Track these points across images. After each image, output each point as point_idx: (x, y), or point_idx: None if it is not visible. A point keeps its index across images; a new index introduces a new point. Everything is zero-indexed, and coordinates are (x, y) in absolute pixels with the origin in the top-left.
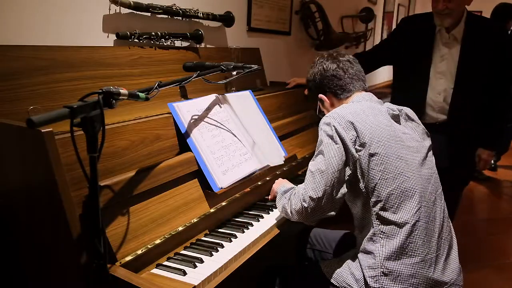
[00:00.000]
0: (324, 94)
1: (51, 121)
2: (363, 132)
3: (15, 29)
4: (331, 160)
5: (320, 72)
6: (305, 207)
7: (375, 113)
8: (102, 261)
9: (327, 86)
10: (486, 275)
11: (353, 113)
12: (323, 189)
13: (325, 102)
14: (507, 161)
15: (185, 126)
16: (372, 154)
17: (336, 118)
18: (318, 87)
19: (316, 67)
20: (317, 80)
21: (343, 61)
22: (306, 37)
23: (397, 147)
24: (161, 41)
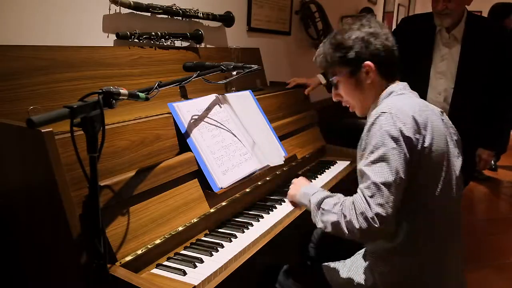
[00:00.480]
0: (372, 62)
1: (51, 121)
2: (428, 136)
3: (15, 29)
4: (399, 170)
5: (366, 37)
6: (373, 227)
7: (435, 113)
8: (102, 261)
9: (375, 55)
10: (486, 275)
11: (415, 110)
12: (393, 204)
13: (363, 78)
14: (507, 161)
15: (185, 126)
16: (427, 166)
17: (399, 117)
18: (364, 54)
19: (360, 28)
20: (364, 43)
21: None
22: (306, 37)
23: (448, 165)
24: (161, 41)
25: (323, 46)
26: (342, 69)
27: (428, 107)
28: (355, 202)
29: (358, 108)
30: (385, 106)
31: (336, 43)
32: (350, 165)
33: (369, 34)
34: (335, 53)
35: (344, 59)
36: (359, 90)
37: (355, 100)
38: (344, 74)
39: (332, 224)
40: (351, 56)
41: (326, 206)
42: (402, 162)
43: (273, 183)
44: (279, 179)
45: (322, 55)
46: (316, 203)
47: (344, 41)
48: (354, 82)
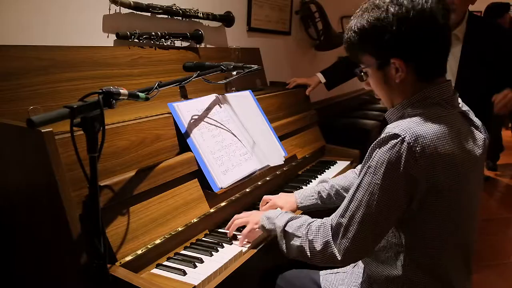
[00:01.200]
0: (402, 60)
1: (51, 121)
2: (440, 177)
3: (15, 29)
4: (383, 208)
5: (403, 17)
6: (335, 259)
7: (468, 148)
8: (102, 261)
9: (410, 49)
10: (485, 275)
11: (437, 144)
12: (364, 241)
13: (392, 75)
14: (507, 160)
15: (185, 126)
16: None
17: (412, 148)
18: (393, 47)
19: (387, 5)
20: (392, 32)
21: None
22: (306, 37)
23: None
24: (161, 41)
25: (352, 24)
26: (369, 58)
27: (459, 130)
28: (323, 227)
29: (386, 103)
30: (401, 126)
31: (360, 27)
32: (350, 165)
33: (402, 18)
34: (360, 40)
35: (370, 48)
36: (387, 86)
37: (383, 95)
38: (370, 65)
39: (297, 249)
40: (377, 46)
41: (291, 228)
42: (393, 199)
43: (273, 183)
44: (279, 179)
45: (348, 38)
46: (282, 226)
47: (370, 24)
48: (381, 76)
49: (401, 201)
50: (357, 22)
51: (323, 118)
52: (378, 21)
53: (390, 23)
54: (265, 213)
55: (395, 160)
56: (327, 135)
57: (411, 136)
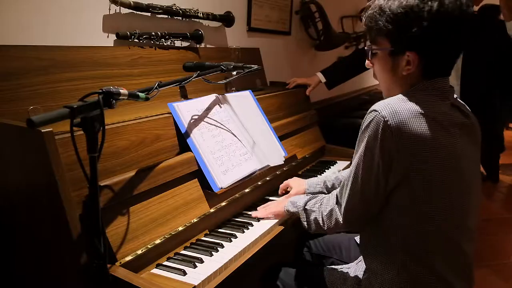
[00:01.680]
0: (418, 55)
1: (51, 121)
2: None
3: (15, 29)
4: (366, 178)
5: (435, 16)
6: (339, 224)
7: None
8: (102, 261)
9: (426, 47)
10: (485, 275)
11: (411, 119)
12: (356, 209)
13: (401, 66)
14: (507, 160)
15: (185, 126)
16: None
17: (389, 122)
18: (414, 41)
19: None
20: (421, 27)
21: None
22: (306, 37)
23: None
24: (161, 41)
25: (380, 2)
26: (385, 42)
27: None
28: (331, 198)
29: (383, 89)
30: (381, 103)
31: (389, 12)
32: (350, 165)
33: (434, 14)
34: (384, 22)
35: (390, 34)
36: (392, 75)
37: (383, 82)
38: (384, 48)
39: (314, 222)
40: (398, 35)
41: (309, 206)
42: (372, 167)
43: (273, 183)
44: (279, 179)
45: (370, 14)
46: (302, 206)
47: (397, 13)
48: (391, 63)
49: (380, 170)
50: (391, 3)
51: (323, 118)
52: (413, 11)
53: (422, 17)
54: (290, 199)
55: (373, 133)
56: (327, 135)
57: (388, 111)
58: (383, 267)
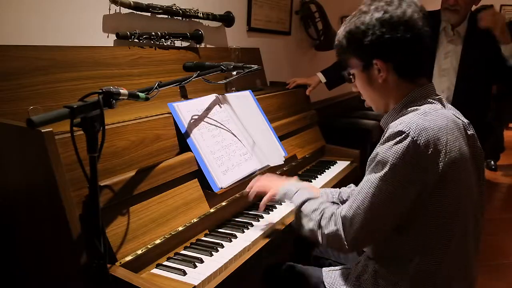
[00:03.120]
0: (382, 61)
1: (51, 121)
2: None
3: (15, 29)
4: (391, 201)
5: (385, 21)
6: (344, 248)
7: (461, 135)
8: (102, 261)
9: (390, 49)
10: (485, 276)
11: (440, 134)
12: (371, 233)
13: (375, 76)
14: (507, 160)
15: (185, 126)
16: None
17: (418, 142)
18: (375, 48)
19: (374, 12)
20: (375, 34)
21: (417, 17)
22: (306, 37)
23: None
24: (161, 41)
25: (340, 30)
26: (355, 61)
27: (456, 123)
28: (334, 216)
29: (372, 105)
30: (405, 122)
31: (348, 31)
32: (350, 165)
33: (382, 23)
34: (347, 42)
35: (355, 51)
36: (371, 87)
37: (368, 97)
38: (356, 67)
39: (309, 231)
40: (361, 49)
41: (306, 210)
42: (398, 192)
43: None
44: None
45: (337, 41)
46: (299, 204)
47: (354, 29)
48: (366, 78)
49: (406, 195)
50: (346, 27)
51: (323, 118)
52: (363, 24)
53: (373, 26)
54: (284, 187)
55: (400, 155)
56: (327, 135)
57: (415, 130)
58: (391, 271)
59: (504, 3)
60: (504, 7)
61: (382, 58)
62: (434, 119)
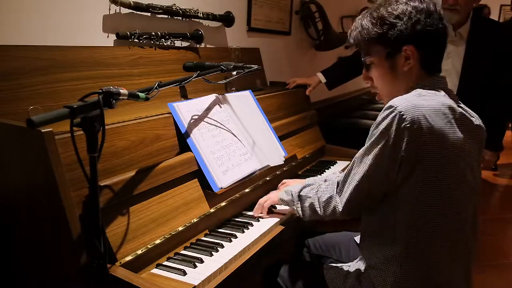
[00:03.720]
0: (415, 47)
1: (51, 121)
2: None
3: (15, 29)
4: (378, 168)
5: (422, 9)
6: (337, 211)
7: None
8: (102, 261)
9: (424, 37)
10: (485, 275)
11: (430, 114)
12: (358, 197)
13: (400, 64)
14: (506, 160)
15: (185, 126)
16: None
17: (405, 117)
18: (409, 34)
19: (403, 3)
20: (411, 20)
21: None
22: (306, 37)
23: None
24: (161, 41)
25: (362, 19)
26: (379, 48)
27: (453, 109)
28: (330, 184)
29: (386, 97)
30: (397, 99)
31: (378, 17)
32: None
33: (419, 11)
34: (374, 29)
35: (383, 37)
36: (392, 76)
37: (385, 87)
38: (379, 54)
39: (309, 208)
40: (392, 35)
41: (304, 192)
42: (382, 161)
43: (273, 183)
44: (279, 179)
45: (359, 29)
46: (297, 192)
47: (387, 16)
48: (389, 66)
49: (390, 165)
50: (374, 14)
51: (323, 118)
52: (397, 10)
53: (410, 12)
54: (285, 188)
55: (386, 127)
56: (327, 135)
57: (403, 106)
58: (384, 261)
59: (504, 3)
60: (504, 7)
61: (415, 45)
62: (427, 100)
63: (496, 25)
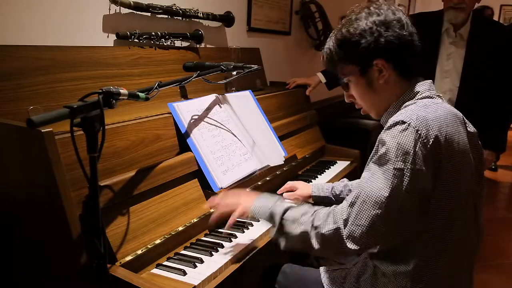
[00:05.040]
0: (384, 59)
1: (51, 121)
2: (449, 158)
3: (15, 29)
4: (398, 194)
5: (380, 22)
6: (344, 246)
7: (462, 126)
8: (102, 261)
9: (389, 48)
10: (485, 275)
11: (441, 125)
12: (375, 229)
13: (376, 77)
14: (507, 161)
15: (185, 126)
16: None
17: (419, 131)
18: (375, 48)
19: (367, 17)
20: (373, 34)
21: (404, 20)
22: (306, 37)
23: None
24: (161, 41)
25: (329, 41)
26: (351, 67)
27: (456, 116)
28: (332, 214)
29: (372, 112)
30: (405, 114)
31: (341, 38)
32: (350, 165)
33: (378, 24)
34: (341, 50)
35: (351, 56)
36: (371, 90)
37: (368, 102)
38: (353, 73)
39: (299, 237)
40: (359, 53)
41: (291, 216)
42: (407, 185)
43: (273, 183)
44: (279, 179)
45: (327, 52)
46: (280, 214)
47: (349, 36)
48: (365, 81)
49: (412, 186)
50: (338, 35)
51: (323, 118)
52: (358, 29)
53: (370, 28)
54: (257, 200)
55: (403, 145)
56: (327, 135)
57: (416, 120)
58: (395, 273)
59: (504, 3)
60: (504, 7)
61: (384, 57)
62: (434, 111)
63: (496, 25)
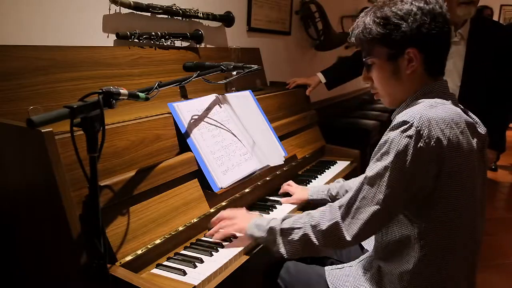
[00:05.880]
0: (418, 50)
1: (51, 121)
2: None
3: (15, 29)
4: (394, 192)
5: (428, 11)
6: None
7: (470, 128)
8: (102, 261)
9: (428, 39)
10: (485, 275)
11: (445, 125)
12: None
13: (403, 66)
14: (507, 161)
15: (185, 126)
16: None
17: (422, 133)
18: (414, 36)
19: (408, 3)
20: (416, 22)
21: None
22: (306, 37)
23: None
24: (161, 41)
25: (365, 17)
26: (381, 49)
27: (463, 118)
28: (328, 210)
29: (387, 99)
30: (409, 113)
31: (382, 17)
32: (350, 165)
33: (424, 13)
34: (377, 29)
35: (386, 38)
36: (394, 78)
37: (386, 89)
38: (381, 55)
39: (300, 241)
40: (395, 36)
41: (287, 224)
42: (406, 184)
43: (273, 183)
44: (279, 179)
45: (361, 27)
46: (278, 228)
47: (391, 16)
48: (391, 68)
49: (411, 185)
50: (378, 13)
51: (323, 118)
52: (402, 11)
53: (414, 14)
54: (254, 221)
55: (404, 145)
56: (327, 135)
57: (419, 120)
58: (396, 266)
59: (504, 3)
60: (504, 7)
61: (419, 48)
62: (439, 111)
63: (496, 25)
